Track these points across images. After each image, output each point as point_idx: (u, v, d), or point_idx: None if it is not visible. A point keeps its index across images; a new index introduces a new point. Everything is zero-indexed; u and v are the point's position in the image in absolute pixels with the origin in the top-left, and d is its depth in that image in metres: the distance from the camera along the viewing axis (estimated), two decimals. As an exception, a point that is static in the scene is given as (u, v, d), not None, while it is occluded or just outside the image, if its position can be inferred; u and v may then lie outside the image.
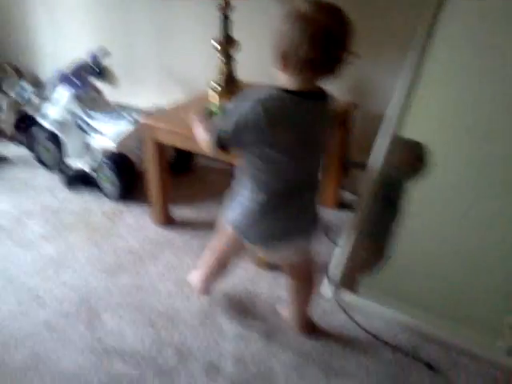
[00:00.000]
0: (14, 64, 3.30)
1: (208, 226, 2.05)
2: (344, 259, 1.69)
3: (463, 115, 1.59)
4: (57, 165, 2.49)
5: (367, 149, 1.82)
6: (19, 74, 3.28)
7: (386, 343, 1.50)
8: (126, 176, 2.22)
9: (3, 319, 1.60)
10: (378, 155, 1.72)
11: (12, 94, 3.01)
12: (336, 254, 1.73)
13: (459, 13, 1.65)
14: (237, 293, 1.72)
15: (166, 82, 2.69)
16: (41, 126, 2.50)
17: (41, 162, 2.56)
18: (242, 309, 1.65)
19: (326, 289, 1.68)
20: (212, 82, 2.00)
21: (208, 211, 2.18)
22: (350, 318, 1.59)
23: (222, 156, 1.47)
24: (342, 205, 2.17)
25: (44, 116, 2.52)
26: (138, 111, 2.37)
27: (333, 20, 1.05)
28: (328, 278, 1.68)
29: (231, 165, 2.37)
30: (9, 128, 2.82)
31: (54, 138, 2.44)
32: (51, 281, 1.77)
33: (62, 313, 1.63)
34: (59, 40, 3.06)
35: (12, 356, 1.47)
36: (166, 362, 1.45)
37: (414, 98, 1.69)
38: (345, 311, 1.61)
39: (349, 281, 1.67)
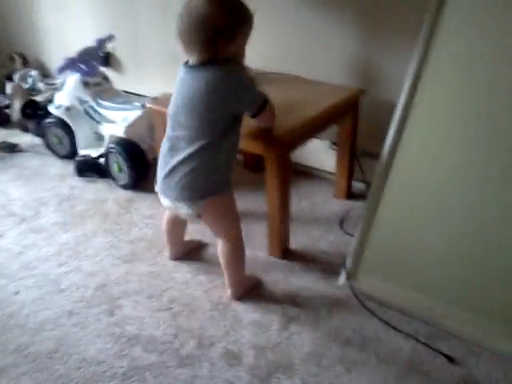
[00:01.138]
0: (22, 53, 3.30)
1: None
2: (357, 247, 1.71)
3: (470, 103, 1.60)
4: (67, 152, 2.50)
5: (376, 137, 1.83)
6: (26, 62, 3.28)
7: (402, 332, 1.52)
8: (136, 164, 2.22)
9: (24, 304, 1.63)
10: (390, 144, 1.73)
11: (19, 82, 3.02)
12: (351, 243, 1.75)
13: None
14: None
15: (172, 69, 2.67)
16: (49, 113, 2.50)
17: (51, 149, 2.57)
18: (258, 297, 1.67)
19: (341, 277, 1.70)
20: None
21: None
22: (364, 306, 1.61)
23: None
24: (354, 195, 2.19)
25: (52, 103, 2.52)
26: (146, 98, 2.37)
27: (196, 7, 1.33)
28: (343, 266, 1.70)
29: (242, 153, 2.39)
30: (16, 115, 2.82)
31: (63, 126, 2.45)
32: (68, 267, 1.79)
33: (80, 299, 1.65)
34: (66, 28, 3.05)
35: (34, 340, 1.49)
36: (186, 350, 1.47)
37: (423, 86, 1.70)
38: (358, 299, 1.63)
39: (362, 268, 1.69)
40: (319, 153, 2.29)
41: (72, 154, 2.46)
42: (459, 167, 1.59)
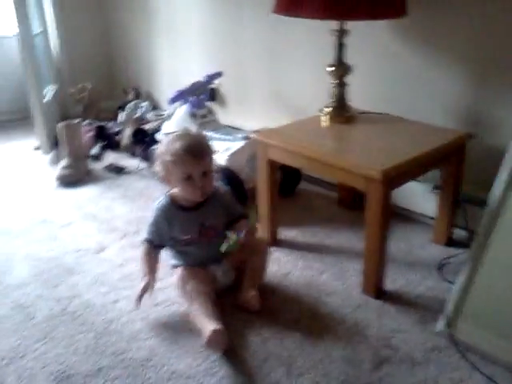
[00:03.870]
0: (136, 87, 3.56)
1: (314, 248, 2.06)
2: (459, 295, 1.63)
3: None
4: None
5: (482, 183, 1.76)
6: (138, 95, 3.54)
7: (505, 388, 1.41)
8: (236, 191, 2.27)
9: (122, 312, 1.69)
10: (499, 192, 1.65)
11: (131, 112, 3.24)
12: (451, 290, 1.66)
13: None
14: (343, 318, 1.70)
15: (274, 106, 2.77)
16: (156, 141, 2.65)
17: (154, 173, 2.70)
18: (349, 333, 1.62)
19: (439, 324, 1.61)
20: (323, 107, 2.05)
21: (313, 235, 2.18)
22: (464, 356, 1.51)
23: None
24: (454, 242, 2.09)
25: (159, 131, 2.68)
26: (247, 131, 2.45)
27: None
28: (443, 313, 1.62)
29: (337, 190, 2.39)
30: (126, 141, 3.02)
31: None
32: (163, 284, 1.83)
33: (174, 313, 1.69)
34: (178, 66, 3.27)
35: (130, 347, 1.54)
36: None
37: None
38: (458, 349, 1.54)
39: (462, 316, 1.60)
40: (419, 196, 2.23)
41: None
42: None
